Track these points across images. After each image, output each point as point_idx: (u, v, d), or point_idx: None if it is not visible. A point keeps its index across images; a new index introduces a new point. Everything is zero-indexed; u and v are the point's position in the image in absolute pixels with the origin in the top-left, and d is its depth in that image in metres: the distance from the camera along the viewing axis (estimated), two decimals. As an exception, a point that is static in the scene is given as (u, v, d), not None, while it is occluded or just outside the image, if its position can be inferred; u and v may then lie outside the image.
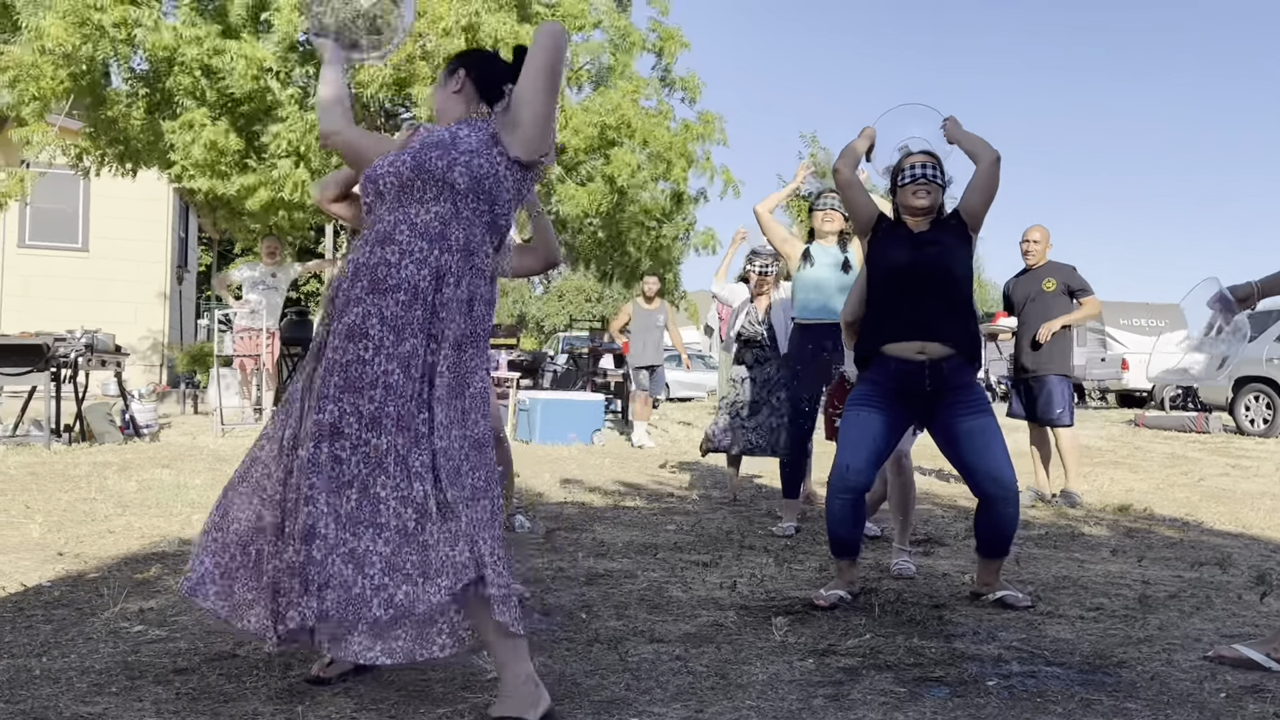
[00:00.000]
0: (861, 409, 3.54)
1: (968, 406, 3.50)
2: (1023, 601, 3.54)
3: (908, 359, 3.49)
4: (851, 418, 3.54)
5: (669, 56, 12.02)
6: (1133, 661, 2.91)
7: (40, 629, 3.04)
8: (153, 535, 4.56)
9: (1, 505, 5.24)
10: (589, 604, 3.48)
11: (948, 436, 3.54)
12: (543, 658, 2.82)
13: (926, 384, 3.48)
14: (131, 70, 10.51)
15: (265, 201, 9.66)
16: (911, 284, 3.50)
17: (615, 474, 7.53)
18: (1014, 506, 3.48)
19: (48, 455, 7.49)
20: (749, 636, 3.11)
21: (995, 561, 3.64)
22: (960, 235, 3.57)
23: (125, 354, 9.65)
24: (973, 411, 3.49)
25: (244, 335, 10.62)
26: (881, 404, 3.51)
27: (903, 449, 4.38)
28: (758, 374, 5.80)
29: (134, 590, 3.54)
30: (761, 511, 5.90)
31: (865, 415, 3.51)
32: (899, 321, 3.50)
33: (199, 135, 9.21)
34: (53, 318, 12.12)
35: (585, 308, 42.97)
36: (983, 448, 3.45)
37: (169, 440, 8.98)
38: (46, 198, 14.60)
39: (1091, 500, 6.42)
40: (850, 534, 3.56)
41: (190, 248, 18.81)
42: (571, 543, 4.65)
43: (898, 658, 2.91)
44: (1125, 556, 4.60)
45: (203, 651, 2.85)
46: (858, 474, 3.48)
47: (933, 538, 4.99)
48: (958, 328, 3.49)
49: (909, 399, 3.52)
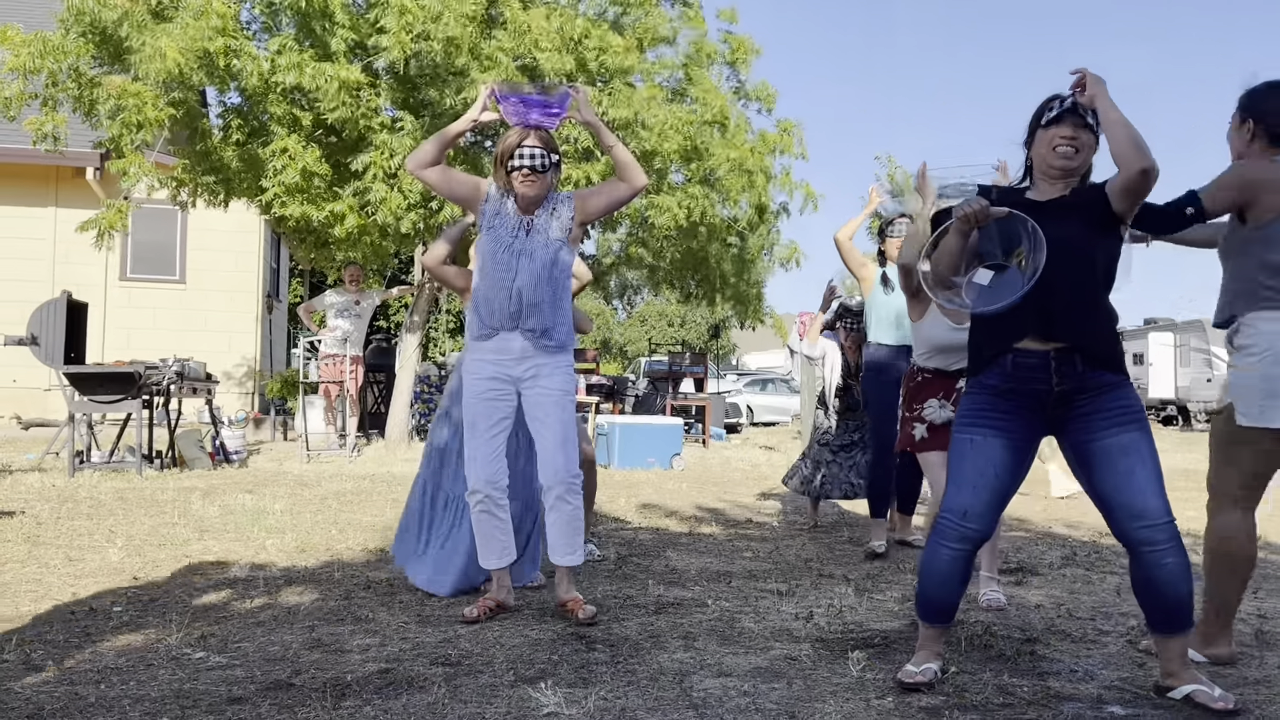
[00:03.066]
0: (975, 431, 2.77)
1: (1107, 417, 2.68)
2: (1221, 703, 2.56)
3: (1029, 350, 2.74)
4: (964, 445, 2.79)
5: (743, 67, 11.92)
6: (1250, 705, 2.64)
7: (104, 654, 3.03)
8: (227, 560, 4.58)
9: (87, 530, 5.34)
10: (656, 634, 3.34)
11: (1081, 457, 2.74)
12: (601, 690, 2.69)
13: (1054, 382, 2.71)
14: (223, 103, 10.84)
15: (352, 228, 9.81)
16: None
17: (693, 499, 7.37)
18: (1174, 554, 2.61)
19: (138, 481, 7.67)
20: (824, 671, 2.93)
21: (1173, 640, 2.68)
22: (1094, 211, 2.75)
23: (215, 381, 9.88)
24: (1114, 425, 2.67)
25: (328, 362, 10.80)
26: (1001, 420, 2.76)
27: None
28: (851, 419, 5.91)
29: (200, 615, 3.53)
30: (843, 538, 5.67)
31: (982, 441, 2.76)
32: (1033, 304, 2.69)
33: (294, 162, 9.42)
34: (152, 348, 12.49)
35: (668, 332, 42.92)
36: (1125, 474, 2.63)
37: (256, 466, 9.14)
38: (145, 231, 15.15)
39: (1197, 526, 6.02)
40: (951, 596, 2.83)
41: (282, 278, 19.33)
42: (643, 570, 4.52)
43: (985, 697, 2.69)
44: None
45: (259, 680, 2.79)
46: (978, 520, 2.75)
47: (1025, 566, 4.71)
48: (1087, 317, 2.72)
49: (1034, 407, 2.75)
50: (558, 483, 3.60)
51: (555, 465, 3.60)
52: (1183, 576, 2.62)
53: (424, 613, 3.64)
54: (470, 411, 3.64)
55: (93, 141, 11.52)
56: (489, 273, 3.60)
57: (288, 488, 7.35)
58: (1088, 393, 2.69)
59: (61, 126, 9.75)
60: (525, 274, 3.55)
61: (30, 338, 8.04)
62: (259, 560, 4.58)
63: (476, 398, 3.63)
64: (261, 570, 4.36)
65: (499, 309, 3.58)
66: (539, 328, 3.58)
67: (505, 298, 3.56)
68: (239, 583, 4.10)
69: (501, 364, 3.62)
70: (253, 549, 4.87)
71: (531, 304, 3.56)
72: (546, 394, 3.61)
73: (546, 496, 3.63)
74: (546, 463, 3.61)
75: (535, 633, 3.36)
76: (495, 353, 3.62)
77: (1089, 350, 2.71)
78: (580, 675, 2.86)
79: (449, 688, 2.73)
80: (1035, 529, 6.07)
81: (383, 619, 3.53)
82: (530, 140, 3.55)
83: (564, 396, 3.63)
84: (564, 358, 3.67)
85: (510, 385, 3.64)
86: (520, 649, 3.15)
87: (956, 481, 2.79)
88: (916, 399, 4.27)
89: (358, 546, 4.98)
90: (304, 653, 3.07)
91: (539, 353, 3.61)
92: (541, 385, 3.62)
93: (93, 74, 9.68)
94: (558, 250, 3.62)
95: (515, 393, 3.66)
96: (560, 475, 3.59)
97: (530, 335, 3.59)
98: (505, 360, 3.62)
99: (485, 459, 3.62)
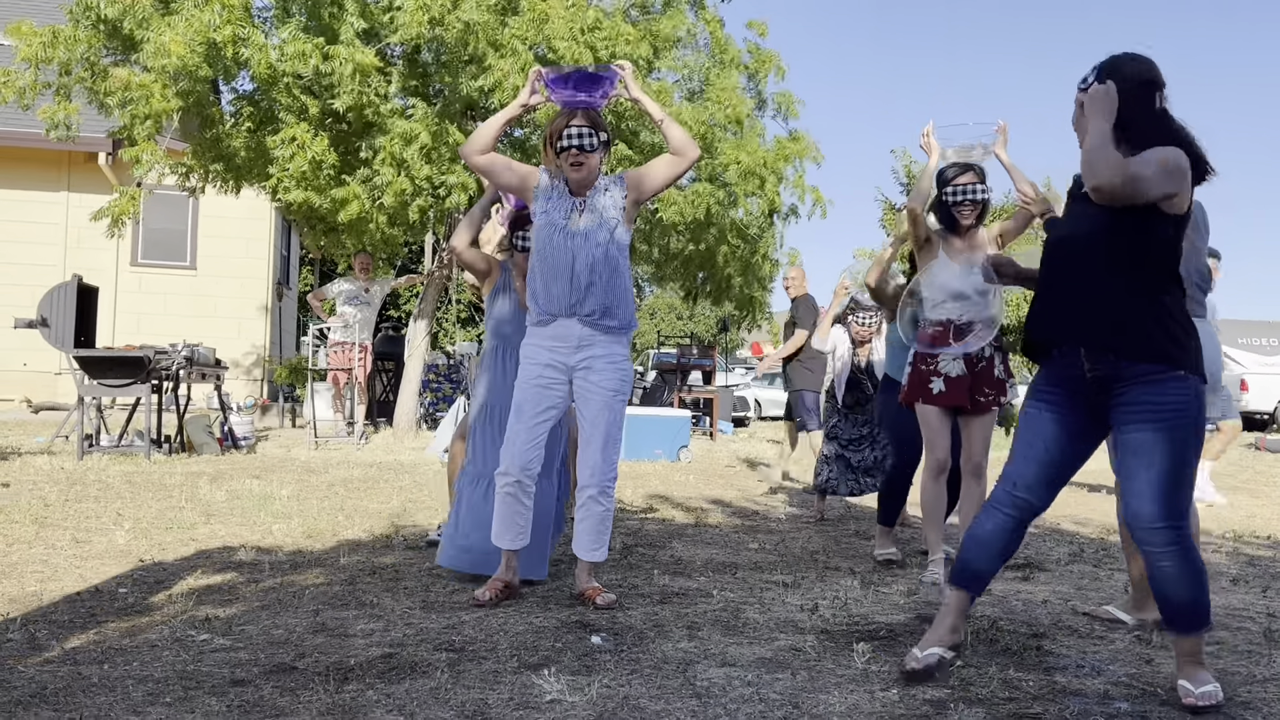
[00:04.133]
0: (1031, 405, 2.86)
1: (1133, 411, 2.64)
2: (1190, 699, 2.56)
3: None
4: (1023, 418, 2.88)
5: (762, 80, 11.89)
6: (1258, 703, 2.62)
7: (108, 635, 3.03)
8: (232, 545, 4.58)
9: (94, 512, 5.35)
10: (660, 623, 3.33)
11: (1111, 446, 2.86)
12: (604, 678, 2.68)
13: (1086, 368, 2.72)
14: (235, 90, 10.84)
15: (356, 214, 9.80)
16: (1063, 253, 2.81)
17: (700, 490, 7.36)
18: (1170, 559, 2.58)
19: (147, 465, 7.69)
20: (828, 663, 2.91)
21: (1183, 641, 2.65)
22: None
23: (225, 367, 9.90)
24: (1135, 420, 2.63)
25: (337, 349, 10.81)
26: (1054, 401, 2.80)
27: (980, 459, 4.22)
28: (860, 414, 5.93)
29: (205, 598, 3.53)
30: (849, 531, 5.66)
31: (1035, 415, 2.83)
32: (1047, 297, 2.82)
33: (303, 151, 9.41)
34: (162, 334, 12.54)
35: (676, 325, 42.89)
36: (1129, 474, 2.63)
37: (265, 452, 9.16)
38: (157, 218, 15.17)
39: (1209, 525, 5.99)
40: (987, 563, 2.84)
41: (292, 265, 19.35)
42: (648, 560, 4.51)
43: (991, 691, 2.68)
44: (1248, 586, 4.23)
45: (263, 663, 2.79)
46: (1027, 490, 2.80)
47: (1032, 562, 4.69)
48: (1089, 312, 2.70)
49: (1076, 391, 2.77)
50: (593, 483, 3.62)
51: (594, 465, 3.62)
52: (1178, 580, 2.59)
53: (429, 598, 3.64)
54: (519, 394, 3.64)
55: (106, 130, 11.57)
56: (545, 256, 3.59)
57: (295, 474, 7.36)
58: (1124, 381, 2.65)
59: (74, 115, 9.78)
60: (582, 255, 3.54)
61: (40, 320, 8.07)
62: (265, 545, 4.59)
63: (528, 382, 3.63)
64: (267, 555, 4.36)
65: (557, 294, 3.57)
66: (598, 308, 3.57)
67: (564, 281, 3.55)
68: (244, 566, 4.11)
69: (557, 351, 3.61)
70: (259, 534, 4.88)
71: (589, 285, 3.55)
72: (598, 392, 3.61)
73: (580, 494, 3.66)
74: (586, 461, 3.63)
75: (539, 620, 3.36)
76: (552, 339, 3.61)
77: (1095, 344, 2.68)
78: (584, 663, 2.85)
79: (452, 673, 2.72)
80: (1043, 525, 6.04)
81: (387, 604, 3.53)
82: (577, 120, 3.56)
83: (615, 397, 3.63)
84: (620, 347, 3.66)
85: (564, 374, 3.63)
86: (524, 636, 3.14)
87: (1013, 451, 2.88)
88: (926, 359, 4.21)
89: (363, 532, 4.99)
90: (308, 636, 3.07)
91: (598, 336, 3.60)
92: (594, 381, 3.61)
93: (105, 63, 9.71)
94: (613, 229, 3.60)
95: (567, 381, 3.65)
96: (597, 476, 3.62)
97: (589, 320, 3.58)
98: (561, 348, 3.61)
99: (524, 444, 3.61)
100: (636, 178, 3.69)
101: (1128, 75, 2.70)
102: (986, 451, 4.27)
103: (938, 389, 4.18)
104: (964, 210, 4.23)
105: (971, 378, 4.19)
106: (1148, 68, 2.71)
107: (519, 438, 3.62)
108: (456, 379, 12.88)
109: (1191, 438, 2.61)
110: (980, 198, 4.21)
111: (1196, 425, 2.63)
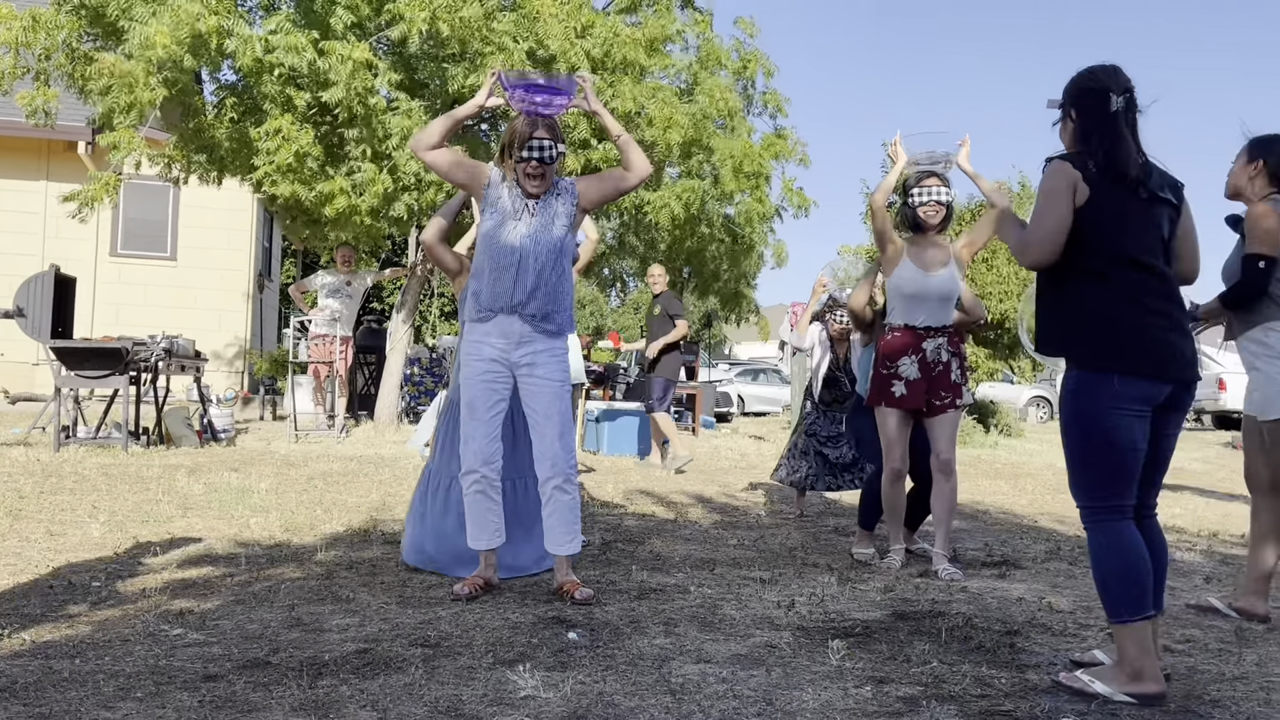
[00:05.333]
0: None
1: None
2: (1067, 681, 2.72)
3: None
4: None
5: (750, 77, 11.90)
6: (1226, 701, 2.64)
7: (80, 629, 3.01)
8: (209, 538, 4.56)
9: (70, 505, 5.31)
10: (637, 619, 3.33)
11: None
12: (579, 674, 2.69)
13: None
14: (218, 81, 10.74)
15: (342, 209, 9.74)
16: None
17: (681, 486, 7.36)
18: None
19: (124, 457, 7.63)
20: (803, 660, 2.92)
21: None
22: None
23: (204, 359, 9.83)
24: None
25: (318, 342, 10.76)
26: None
27: (948, 456, 4.42)
28: (839, 411, 5.98)
29: (179, 592, 3.51)
30: (828, 528, 5.68)
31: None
32: None
33: (287, 143, 9.33)
34: (141, 324, 12.44)
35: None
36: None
37: (244, 445, 9.11)
38: (137, 208, 15.05)
39: (1184, 524, 6.05)
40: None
41: (274, 257, 19.23)
42: (627, 555, 4.51)
43: (963, 688, 2.69)
44: (1220, 585, 4.27)
45: (236, 658, 2.78)
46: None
47: (1009, 559, 4.72)
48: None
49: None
50: (556, 474, 3.62)
51: (554, 456, 3.62)
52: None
53: (405, 594, 3.63)
54: (469, 392, 3.64)
55: (85, 117, 11.44)
56: (491, 255, 3.59)
57: (274, 467, 7.32)
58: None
59: (53, 102, 9.67)
60: (528, 256, 3.56)
61: (17, 310, 7.99)
62: (242, 538, 4.56)
63: (475, 379, 3.63)
64: (244, 548, 4.34)
65: (501, 292, 3.57)
66: (540, 311, 3.59)
67: (508, 280, 3.56)
68: (220, 560, 4.08)
69: (499, 347, 3.62)
70: (236, 527, 4.85)
71: (533, 287, 3.56)
72: (544, 384, 3.62)
73: (544, 488, 3.65)
74: (544, 454, 3.63)
75: (516, 616, 3.35)
76: (494, 335, 3.62)
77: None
78: (559, 659, 2.85)
79: (427, 669, 2.71)
80: (1021, 523, 6.08)
81: (363, 599, 3.51)
82: (540, 133, 3.56)
83: (561, 387, 3.64)
84: (560, 344, 3.67)
85: (507, 369, 3.65)
86: (500, 632, 3.14)
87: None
88: (891, 356, 4.45)
89: (341, 527, 4.97)
90: (283, 631, 3.06)
91: (537, 337, 3.61)
92: (539, 375, 3.62)
93: (86, 49, 9.60)
94: (561, 234, 3.63)
95: (512, 376, 3.66)
96: (559, 466, 3.62)
97: (531, 320, 3.59)
98: (503, 344, 3.62)
99: (483, 439, 3.62)
100: (586, 186, 3.73)
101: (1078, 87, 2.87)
102: (952, 448, 4.45)
103: (899, 392, 4.40)
104: (929, 210, 4.47)
105: (928, 382, 4.41)
106: (1097, 77, 2.83)
107: (477, 434, 3.62)
108: (438, 373, 12.83)
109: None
110: (944, 199, 4.46)
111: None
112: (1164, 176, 2.85)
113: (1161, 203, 2.80)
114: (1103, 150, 2.75)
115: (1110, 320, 2.71)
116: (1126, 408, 2.67)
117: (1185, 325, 2.80)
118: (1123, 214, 2.74)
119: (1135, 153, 2.78)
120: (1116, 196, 2.74)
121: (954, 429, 4.47)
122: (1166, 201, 2.81)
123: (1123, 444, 2.67)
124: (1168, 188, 2.83)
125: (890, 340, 4.47)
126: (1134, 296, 2.72)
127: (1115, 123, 2.77)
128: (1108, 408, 2.67)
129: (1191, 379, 2.77)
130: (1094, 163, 2.74)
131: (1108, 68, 2.84)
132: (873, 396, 4.52)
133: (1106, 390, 2.67)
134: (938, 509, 4.42)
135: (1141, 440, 2.71)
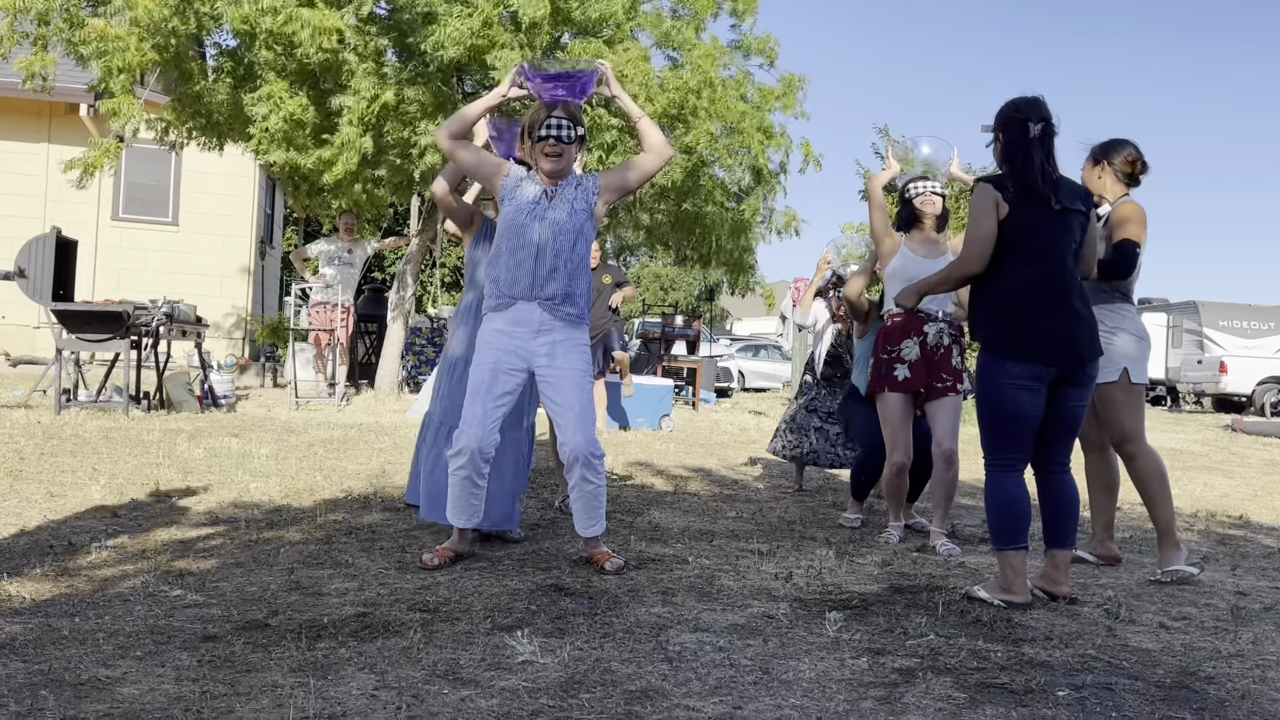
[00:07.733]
0: None
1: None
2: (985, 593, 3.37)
3: None
4: None
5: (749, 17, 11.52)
6: (1221, 678, 2.66)
7: (80, 589, 3.02)
8: (209, 502, 4.57)
9: (70, 467, 5.32)
10: (635, 588, 3.34)
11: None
12: (576, 640, 2.70)
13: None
14: (217, 45, 10.65)
15: (341, 175, 9.67)
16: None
17: (680, 459, 7.38)
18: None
19: (125, 421, 7.65)
20: (800, 630, 2.93)
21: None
22: None
23: (205, 325, 9.82)
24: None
25: (318, 310, 10.74)
26: None
27: (950, 444, 4.44)
28: (841, 387, 5.93)
29: (179, 554, 3.52)
30: (827, 502, 5.69)
31: None
32: None
33: (278, 108, 9.25)
34: (143, 290, 12.44)
35: (660, 295, 42.82)
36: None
37: (245, 411, 9.12)
38: (139, 173, 14.99)
39: (1182, 505, 6.05)
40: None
41: (276, 224, 19.18)
42: (625, 526, 4.52)
43: (959, 660, 2.70)
44: (1217, 564, 4.28)
45: (235, 619, 2.79)
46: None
47: (1007, 536, 4.72)
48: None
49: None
50: (579, 461, 3.61)
51: (575, 444, 3.60)
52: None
53: (404, 559, 3.64)
54: (476, 376, 3.62)
55: (85, 83, 11.37)
56: (510, 240, 3.59)
57: (274, 433, 7.33)
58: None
59: (51, 67, 9.59)
60: (550, 240, 3.55)
61: (18, 272, 7.98)
62: (242, 502, 4.57)
63: (485, 365, 3.61)
64: (243, 512, 4.35)
65: (520, 275, 3.56)
66: (559, 294, 3.57)
67: (528, 264, 3.55)
68: (220, 523, 4.10)
69: (516, 337, 3.60)
70: (236, 492, 4.86)
71: (552, 269, 3.55)
72: (565, 373, 3.60)
73: (570, 474, 3.65)
74: (567, 441, 3.61)
75: (514, 582, 3.36)
76: (511, 324, 3.60)
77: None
78: (557, 625, 2.86)
79: (425, 633, 2.73)
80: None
81: (362, 564, 3.53)
82: (557, 112, 3.60)
83: (583, 376, 3.63)
84: (581, 333, 3.66)
85: (523, 361, 3.62)
86: (499, 598, 3.15)
87: None
88: (892, 340, 4.46)
89: (341, 493, 4.98)
90: (282, 594, 3.07)
91: (556, 325, 3.59)
92: (559, 365, 3.60)
93: (82, 14, 9.51)
94: (581, 221, 3.62)
95: (526, 370, 3.64)
96: (581, 453, 3.60)
97: (549, 304, 3.57)
98: (521, 333, 3.59)
99: (481, 424, 3.58)
100: (610, 180, 3.72)
101: (1004, 116, 3.42)
102: (955, 438, 4.45)
103: (902, 375, 4.42)
104: (925, 203, 4.55)
105: (929, 364, 4.44)
106: (1020, 108, 3.38)
107: (475, 420, 3.58)
108: (439, 342, 12.83)
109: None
110: (940, 193, 4.58)
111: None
112: (1075, 189, 3.42)
113: (1073, 212, 3.36)
114: (1018, 171, 3.32)
115: (1008, 315, 3.30)
116: (1019, 384, 3.27)
117: (1084, 314, 3.33)
118: (1035, 224, 3.29)
119: (1047, 172, 3.32)
120: (1031, 210, 3.30)
121: (956, 418, 4.48)
122: (1077, 211, 3.37)
123: (1013, 413, 3.30)
124: (1079, 199, 3.39)
125: (891, 325, 4.49)
126: (1033, 294, 3.28)
127: (1030, 147, 3.32)
128: (1003, 384, 3.29)
129: (1079, 360, 3.30)
130: (1011, 182, 3.30)
131: (1030, 99, 3.39)
132: (874, 384, 4.53)
133: (1002, 371, 3.29)
134: (937, 494, 4.45)
135: (1031, 410, 3.30)
